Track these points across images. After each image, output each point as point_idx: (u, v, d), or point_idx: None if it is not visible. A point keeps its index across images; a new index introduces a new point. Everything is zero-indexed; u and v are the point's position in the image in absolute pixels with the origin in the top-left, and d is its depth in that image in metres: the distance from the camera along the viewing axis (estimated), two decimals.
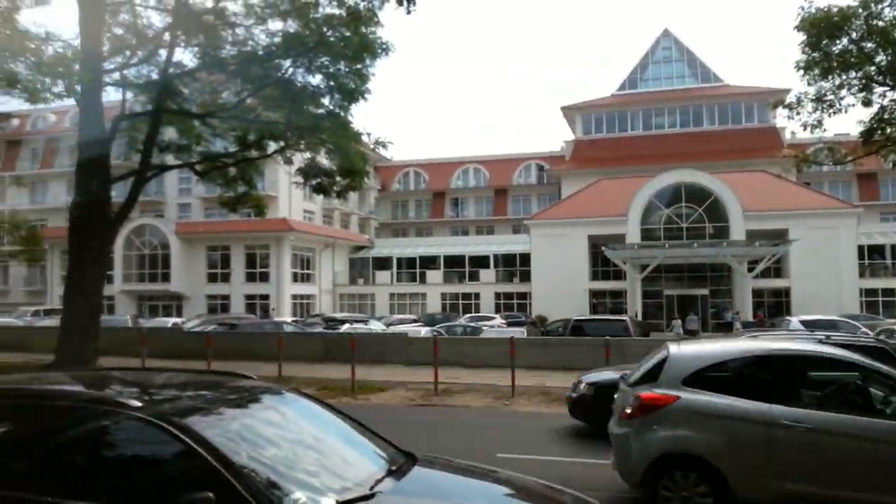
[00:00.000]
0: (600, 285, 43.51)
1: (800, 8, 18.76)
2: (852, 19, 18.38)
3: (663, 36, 60.80)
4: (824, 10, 18.47)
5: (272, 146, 21.85)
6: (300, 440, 3.80)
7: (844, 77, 19.39)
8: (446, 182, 67.28)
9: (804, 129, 20.54)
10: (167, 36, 19.69)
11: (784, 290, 40.32)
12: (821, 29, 18.49)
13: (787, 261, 39.37)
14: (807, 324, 23.48)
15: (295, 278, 47.40)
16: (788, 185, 43.53)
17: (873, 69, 18.95)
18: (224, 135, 23.29)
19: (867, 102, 19.54)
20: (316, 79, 19.69)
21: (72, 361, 17.01)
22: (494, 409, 13.70)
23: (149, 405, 3.43)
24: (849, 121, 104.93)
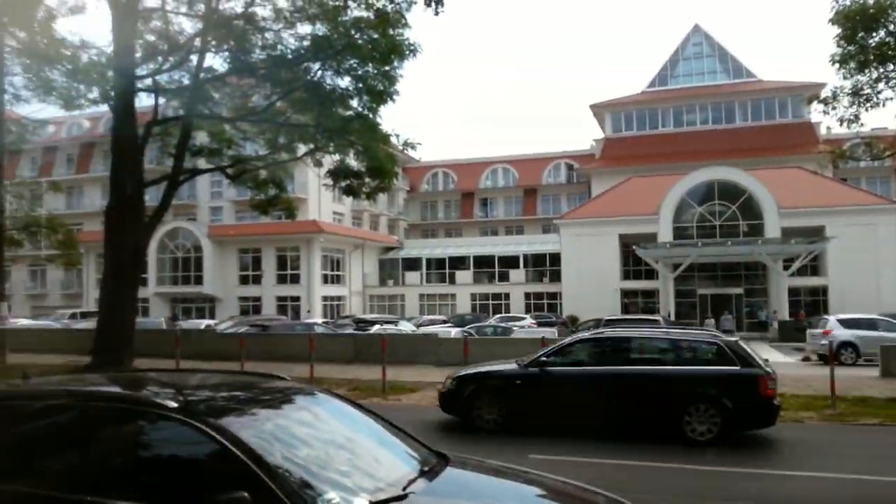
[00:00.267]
0: (632, 285, 43.07)
1: (834, 0, 18.34)
2: (889, 11, 17.90)
3: (694, 31, 60.00)
4: (860, 3, 18.00)
5: (302, 149, 22.01)
6: (333, 440, 3.81)
7: (882, 70, 18.86)
8: (475, 182, 67.21)
9: (840, 124, 20.04)
10: (198, 41, 19.94)
11: (821, 289, 39.48)
12: (856, 22, 18.01)
13: (824, 258, 38.62)
14: (845, 322, 22.99)
15: (325, 280, 47.73)
16: (824, 182, 42.59)
17: None
18: (254, 138, 23.58)
19: None
20: (344, 81, 19.82)
21: (108, 363, 17.30)
22: None
23: (185, 406, 3.48)
24: (887, 115, 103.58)
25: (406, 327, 30.32)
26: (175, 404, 3.46)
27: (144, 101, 24.63)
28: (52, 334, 29.49)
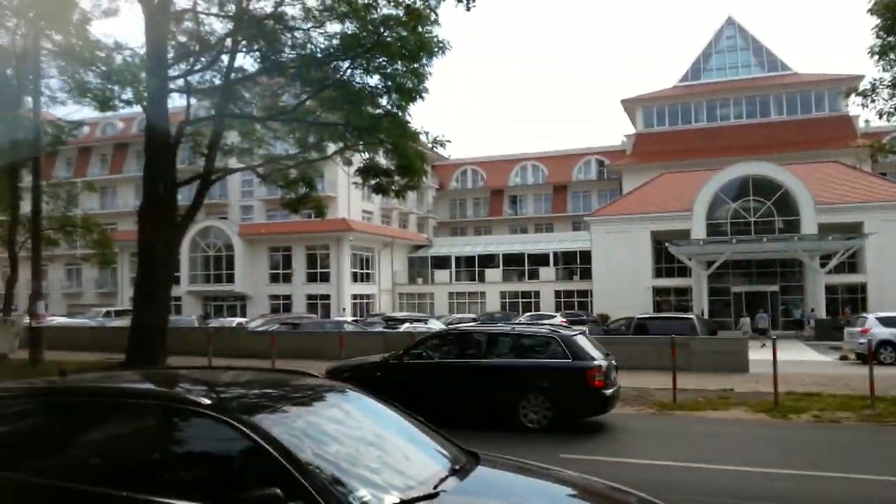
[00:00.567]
0: (664, 282, 42.51)
1: None
2: None
3: (727, 24, 58.92)
4: None
5: (331, 147, 22.06)
6: (364, 438, 3.81)
7: None
8: (504, 179, 66.92)
9: (879, 118, 19.55)
10: (229, 42, 20.10)
11: (859, 286, 38.55)
12: None
13: (863, 255, 37.73)
14: (884, 320, 22.43)
15: (355, 278, 47.91)
16: (863, 176, 41.57)
17: None
18: (284, 137, 23.70)
19: None
20: (374, 79, 19.78)
21: (142, 360, 17.54)
22: None
23: (218, 403, 3.50)
24: None
25: (435, 326, 30.25)
26: (208, 401, 3.48)
27: (177, 102, 24.97)
28: (87, 332, 30.03)
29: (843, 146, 48.80)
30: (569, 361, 10.71)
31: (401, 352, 12.07)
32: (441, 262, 53.86)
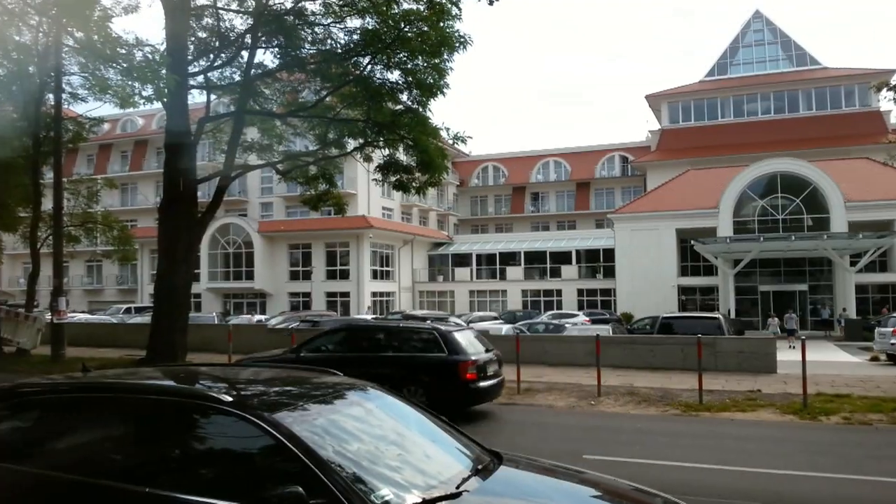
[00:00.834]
0: (689, 281, 41.90)
1: None
2: None
3: (754, 18, 57.86)
4: None
5: (351, 144, 21.90)
6: (385, 437, 3.81)
7: None
8: (526, 176, 66.46)
9: None
10: (248, 38, 20.01)
11: (890, 286, 37.78)
12: None
13: (894, 253, 36.96)
14: None
15: (374, 275, 47.82)
16: (894, 172, 40.58)
17: None
18: (304, 134, 23.61)
19: None
20: (394, 75, 19.61)
21: (163, 357, 17.55)
22: (580, 409, 13.31)
23: (240, 400, 3.51)
24: None
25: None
26: (230, 398, 3.50)
27: (196, 98, 24.98)
28: (108, 328, 30.25)
29: (874, 142, 47.68)
30: (444, 356, 11.60)
31: (299, 345, 13.11)
32: (462, 260, 53.63)
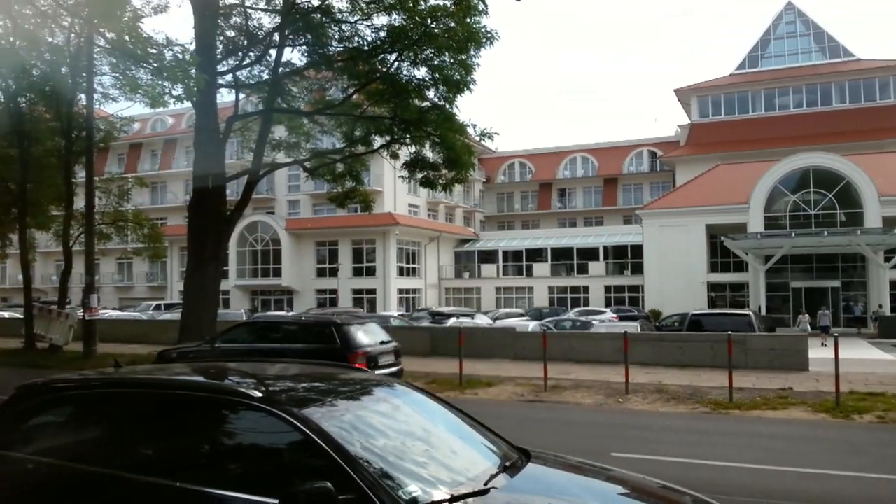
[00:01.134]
0: (719, 278, 41.34)
1: None
2: None
3: (786, 9, 56.76)
4: None
5: (378, 141, 21.96)
6: (413, 433, 3.80)
7: None
8: (553, 172, 66.08)
9: None
10: (276, 36, 20.13)
11: None
12: None
13: None
14: None
15: (401, 272, 47.95)
16: None
17: None
18: (331, 131, 23.73)
19: None
20: (420, 71, 19.61)
21: None
22: (607, 407, 13.21)
23: (269, 395, 3.52)
24: None
25: (482, 320, 30.00)
26: (259, 394, 3.50)
27: (225, 97, 25.22)
28: (139, 325, 30.72)
29: None
30: (337, 346, 12.47)
31: (214, 336, 14.22)
32: (488, 257, 53.53)
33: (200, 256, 18.88)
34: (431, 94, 19.89)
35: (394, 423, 3.76)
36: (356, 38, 19.86)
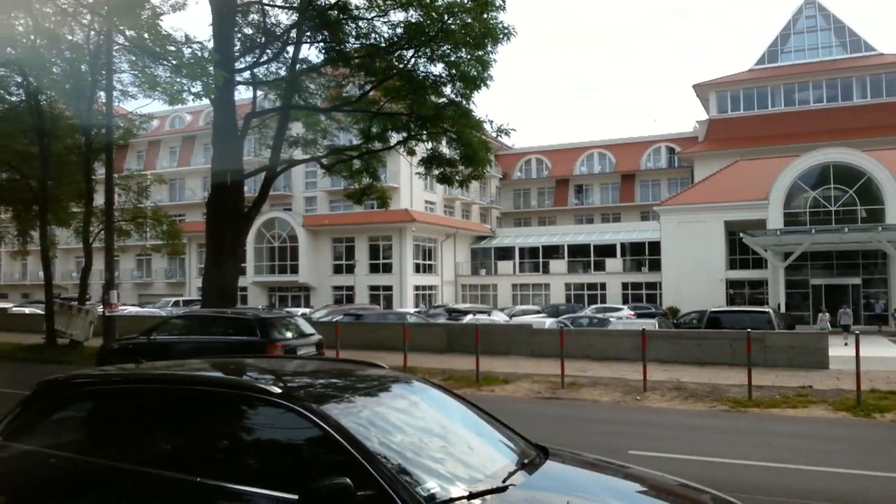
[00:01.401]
0: (738, 274, 40.97)
1: None
2: None
3: (807, 4, 56.08)
4: None
5: (395, 137, 21.98)
6: (431, 430, 3.79)
7: None
8: (569, 168, 65.80)
9: None
10: (294, 33, 20.21)
11: None
12: None
13: None
14: None
15: (417, 269, 47.99)
16: None
17: None
18: (348, 128, 23.78)
19: None
20: (437, 68, 19.61)
21: None
22: (625, 404, 13.17)
23: (288, 391, 3.52)
24: None
25: (499, 317, 29.96)
26: (278, 389, 3.51)
27: (243, 94, 25.34)
28: (157, 321, 30.85)
29: None
30: (257, 338, 13.24)
31: (149, 329, 14.86)
32: (504, 253, 53.44)
33: (218, 253, 19.00)
34: (448, 91, 19.87)
35: (411, 420, 3.77)
36: (373, 35, 19.89)
